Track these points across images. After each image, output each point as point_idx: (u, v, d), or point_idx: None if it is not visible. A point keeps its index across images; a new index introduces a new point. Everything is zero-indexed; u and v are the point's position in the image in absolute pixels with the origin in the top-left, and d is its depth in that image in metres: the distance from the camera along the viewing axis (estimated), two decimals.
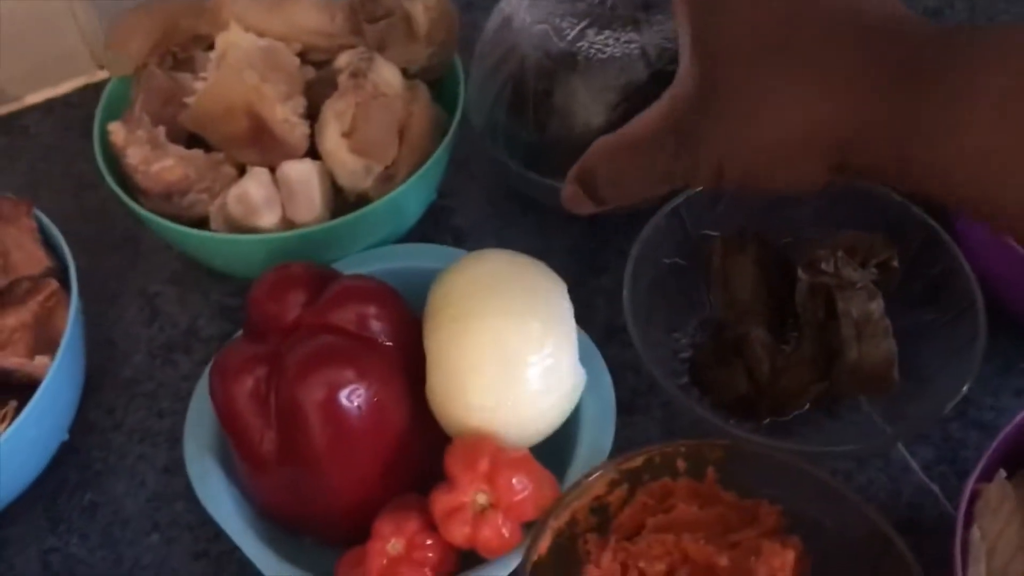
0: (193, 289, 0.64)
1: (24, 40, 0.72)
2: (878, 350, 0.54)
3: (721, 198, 0.59)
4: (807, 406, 0.56)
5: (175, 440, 0.58)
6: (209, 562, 0.54)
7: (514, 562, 0.46)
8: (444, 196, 0.68)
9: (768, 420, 0.56)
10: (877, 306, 0.55)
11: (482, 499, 0.46)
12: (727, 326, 0.57)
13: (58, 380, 0.50)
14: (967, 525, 0.45)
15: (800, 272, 0.56)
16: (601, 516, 0.48)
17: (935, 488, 0.55)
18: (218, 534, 0.54)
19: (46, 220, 0.56)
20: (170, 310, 0.63)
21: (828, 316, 0.55)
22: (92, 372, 0.59)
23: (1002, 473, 0.48)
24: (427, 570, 0.47)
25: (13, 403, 0.49)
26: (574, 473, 0.49)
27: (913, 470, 0.55)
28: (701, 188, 0.56)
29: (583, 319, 0.52)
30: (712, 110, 0.33)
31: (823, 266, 0.55)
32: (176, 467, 0.57)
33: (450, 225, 0.67)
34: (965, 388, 0.51)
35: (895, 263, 0.56)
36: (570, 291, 0.51)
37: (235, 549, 0.53)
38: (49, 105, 0.75)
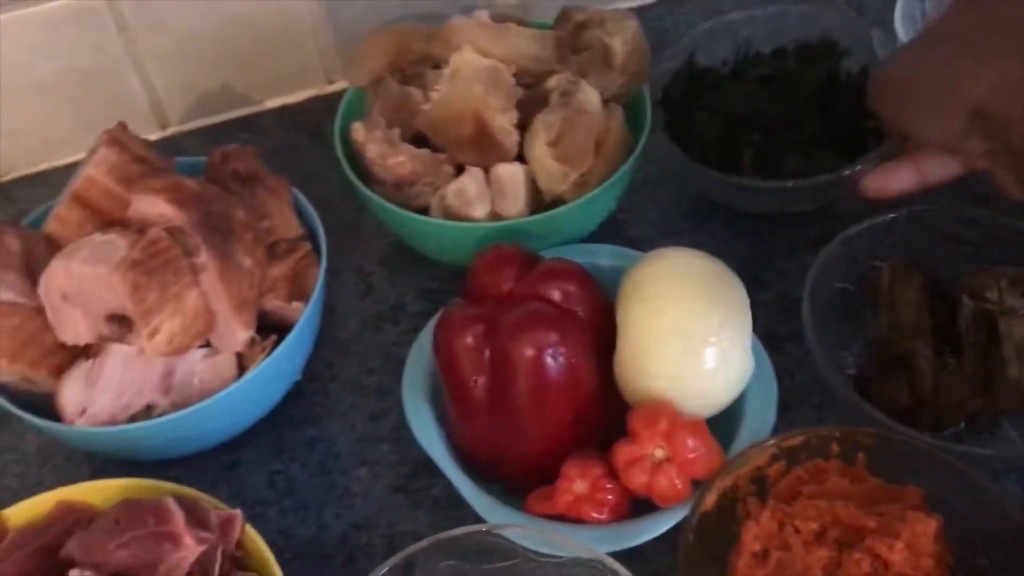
0: (402, 271, 0.74)
1: (268, 54, 0.84)
2: None
3: (892, 231, 0.65)
4: (963, 424, 0.61)
5: (382, 393, 0.67)
6: (407, 495, 0.62)
7: (682, 513, 0.53)
8: (623, 211, 0.76)
9: (927, 434, 0.61)
10: None
11: (660, 453, 0.54)
12: (892, 344, 0.62)
13: (308, 323, 0.60)
14: None
15: (965, 299, 0.61)
16: (760, 485, 0.55)
17: None
18: (416, 473, 0.63)
19: (301, 196, 0.67)
20: (381, 287, 0.73)
21: (989, 340, 0.60)
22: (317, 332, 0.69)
23: None
24: (606, 510, 0.54)
25: (274, 337, 0.59)
26: (738, 448, 0.56)
27: None
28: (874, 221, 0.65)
29: None
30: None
31: (988, 294, 0.60)
32: (382, 415, 0.66)
33: (626, 235, 0.75)
34: None
35: None
36: None
37: (431, 486, 0.62)
38: (283, 110, 0.87)
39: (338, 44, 0.84)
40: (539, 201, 0.67)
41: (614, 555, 0.52)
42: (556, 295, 0.57)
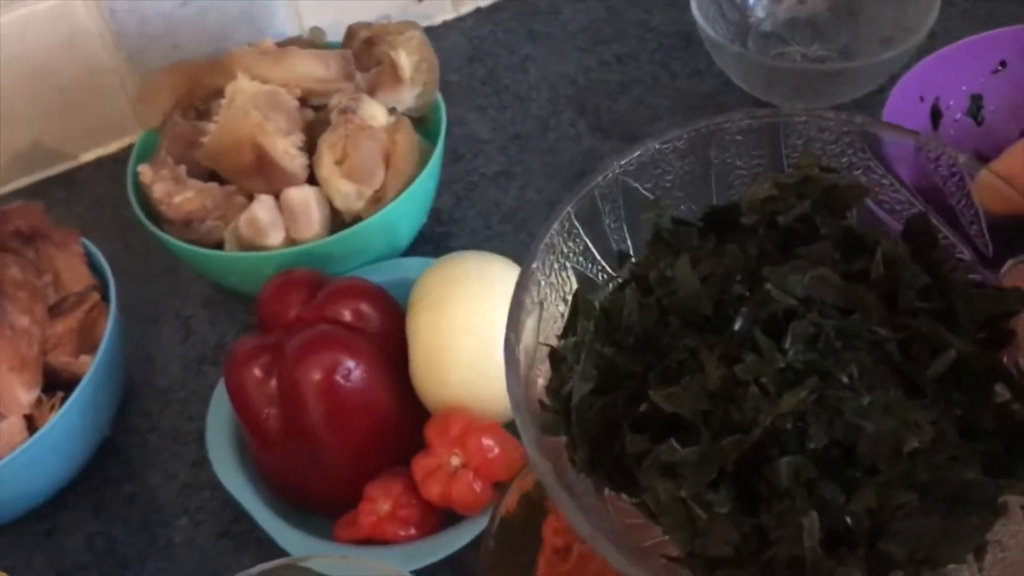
0: (221, 311, 0.72)
1: (81, 107, 0.83)
2: None
3: None
4: None
5: (203, 439, 0.65)
6: (231, 539, 0.60)
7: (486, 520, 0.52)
8: (444, 222, 0.76)
9: None
10: None
11: (455, 461, 0.53)
12: None
13: (98, 376, 0.58)
14: None
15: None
16: None
17: None
18: (239, 516, 0.61)
19: (91, 246, 0.65)
20: (201, 329, 0.72)
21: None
22: (134, 382, 0.67)
23: None
24: (411, 527, 0.53)
25: (60, 394, 0.57)
26: None
27: None
28: None
29: None
30: None
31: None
32: (203, 462, 0.64)
33: (448, 246, 0.74)
34: None
35: None
36: None
37: (253, 528, 0.60)
38: (100, 162, 0.85)
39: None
40: (340, 222, 0.66)
41: (434, 568, 0.51)
42: (346, 315, 0.56)
